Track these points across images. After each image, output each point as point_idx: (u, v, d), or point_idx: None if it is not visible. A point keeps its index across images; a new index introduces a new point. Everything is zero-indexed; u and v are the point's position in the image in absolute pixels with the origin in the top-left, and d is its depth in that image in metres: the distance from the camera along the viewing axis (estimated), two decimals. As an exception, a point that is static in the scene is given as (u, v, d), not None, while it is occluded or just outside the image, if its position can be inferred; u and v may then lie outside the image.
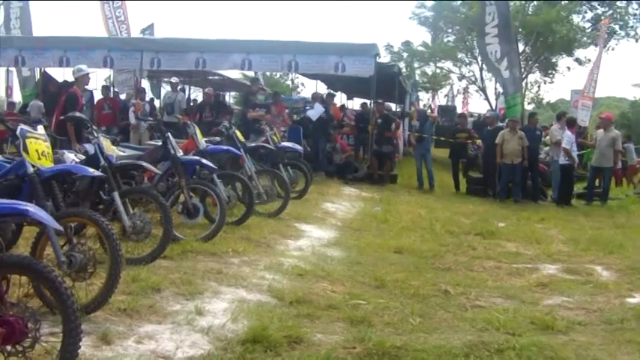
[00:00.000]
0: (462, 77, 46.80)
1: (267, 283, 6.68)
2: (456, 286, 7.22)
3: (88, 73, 11.91)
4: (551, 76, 41.00)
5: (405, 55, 45.90)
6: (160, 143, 8.70)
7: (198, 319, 5.42)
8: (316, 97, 19.94)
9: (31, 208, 4.00)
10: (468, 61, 43.23)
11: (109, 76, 24.76)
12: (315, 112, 17.98)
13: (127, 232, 6.69)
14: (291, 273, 7.21)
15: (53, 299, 3.91)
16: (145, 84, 21.56)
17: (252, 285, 6.59)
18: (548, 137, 18.28)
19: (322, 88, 26.59)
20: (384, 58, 34.33)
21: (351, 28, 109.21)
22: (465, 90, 50.42)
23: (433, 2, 42.06)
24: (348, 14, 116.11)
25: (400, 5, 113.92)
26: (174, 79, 19.80)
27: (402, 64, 37.74)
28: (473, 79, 44.60)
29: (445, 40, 43.19)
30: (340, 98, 27.99)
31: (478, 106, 73.69)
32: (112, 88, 21.47)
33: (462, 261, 8.77)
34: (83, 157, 7.49)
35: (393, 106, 24.60)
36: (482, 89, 41.84)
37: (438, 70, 48.49)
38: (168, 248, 7.16)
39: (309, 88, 47.80)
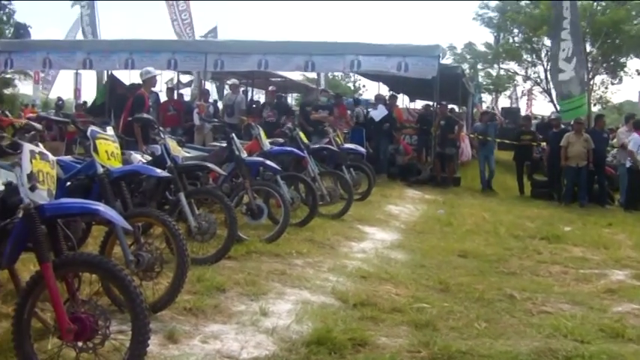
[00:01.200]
0: (526, 78, 45.98)
1: (330, 285, 6.65)
2: (522, 291, 7.06)
3: (155, 76, 12.08)
4: (619, 77, 39.96)
5: (468, 56, 45.45)
6: (225, 144, 8.77)
7: (262, 319, 5.43)
8: (379, 98, 19.86)
9: (102, 207, 4.08)
10: (532, 62, 42.39)
11: (172, 78, 25.12)
12: (379, 113, 17.93)
13: (192, 233, 6.75)
14: (354, 275, 7.17)
15: (122, 298, 3.97)
16: (209, 86, 21.79)
17: (316, 287, 6.57)
18: (615, 140, 17.83)
19: (384, 90, 26.53)
20: (447, 59, 34.02)
21: (413, 29, 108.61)
22: (529, 92, 49.58)
23: (497, 2, 41.45)
24: (410, 15, 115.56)
25: (463, 6, 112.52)
26: (233, 81, 19.95)
27: (465, 66, 37.33)
28: (538, 80, 43.76)
29: (509, 40, 42.50)
30: (402, 100, 27.85)
31: (542, 108, 72.31)
32: (175, 90, 21.75)
33: (527, 265, 8.59)
34: (150, 157, 7.60)
35: (456, 108, 24.35)
36: (547, 91, 40.93)
37: (502, 72, 47.80)
38: (233, 249, 7.21)
39: (370, 90, 47.60)
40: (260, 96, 30.41)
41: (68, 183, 5.97)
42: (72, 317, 3.82)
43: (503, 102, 51.34)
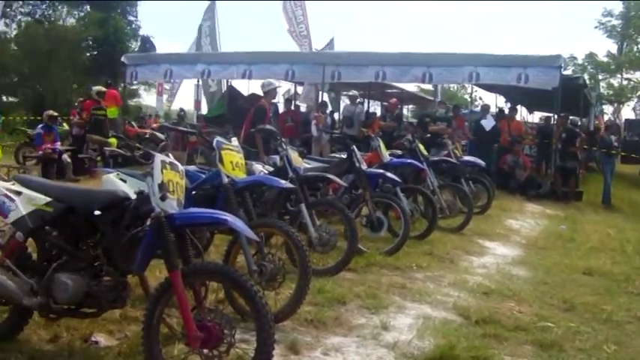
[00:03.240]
0: (651, 89, 44.10)
1: (452, 300, 6.53)
2: (654, 314, 6.72)
3: (276, 87, 12.23)
4: None
5: (589, 66, 44.05)
6: (345, 156, 8.77)
7: (383, 333, 5.38)
8: (485, 109, 19.58)
9: (229, 217, 4.12)
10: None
11: (288, 89, 25.45)
12: (489, 123, 17.63)
13: (313, 244, 6.75)
14: (476, 291, 7.01)
15: (248, 308, 3.99)
16: (325, 97, 21.95)
17: (437, 301, 6.46)
18: None
19: (501, 102, 26.08)
20: (568, 70, 33.07)
21: (532, 40, 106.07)
22: (655, 102, 47.50)
23: (621, 10, 39.95)
24: (529, 26, 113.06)
25: (584, 15, 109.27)
26: (353, 93, 19.98)
27: (585, 76, 36.19)
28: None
29: (634, 49, 40.88)
30: (521, 112, 27.28)
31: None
32: (293, 101, 22.03)
33: (658, 286, 8.17)
34: (271, 168, 7.68)
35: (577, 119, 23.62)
36: (675, 101, 39.18)
37: (625, 82, 46.02)
38: (352, 261, 7.19)
39: (487, 101, 46.83)
40: (376, 107, 30.43)
41: (193, 192, 6.10)
42: (199, 325, 3.88)
43: (627, 113, 49.34)
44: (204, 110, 24.76)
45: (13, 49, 36.42)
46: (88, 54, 37.53)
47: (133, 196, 4.33)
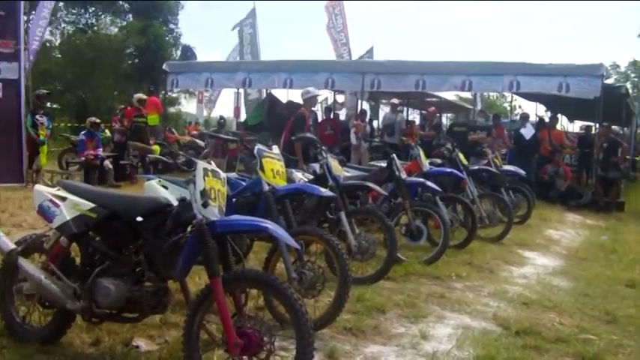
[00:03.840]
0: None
1: (491, 310, 6.48)
2: (701, 328, 6.59)
3: (315, 96, 12.25)
4: None
5: (632, 75, 43.44)
6: (384, 164, 8.76)
7: (422, 343, 5.36)
8: (525, 117, 19.42)
9: (270, 225, 4.14)
10: None
11: (326, 98, 25.50)
12: (529, 132, 17.49)
13: (352, 252, 6.75)
14: (516, 301, 6.95)
15: (288, 315, 3.99)
16: (364, 105, 21.96)
17: (477, 311, 6.42)
18: None
19: (541, 110, 25.84)
20: (610, 78, 32.65)
21: (573, 48, 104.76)
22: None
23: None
24: (569, 34, 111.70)
25: (627, 23, 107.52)
26: (395, 101, 19.96)
27: (628, 85, 35.67)
28: None
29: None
30: (561, 121, 26.98)
31: None
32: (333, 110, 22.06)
33: None
34: (310, 176, 7.69)
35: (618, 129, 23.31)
36: None
37: (671, 91, 45.28)
38: (391, 269, 7.18)
39: (526, 110, 46.40)
40: (415, 116, 30.35)
41: (234, 199, 6.13)
42: (239, 331, 3.90)
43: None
44: (243, 117, 24.92)
45: (57, 57, 37.06)
46: (130, 62, 38.04)
47: (175, 203, 4.37)
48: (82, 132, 16.82)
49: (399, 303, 6.30)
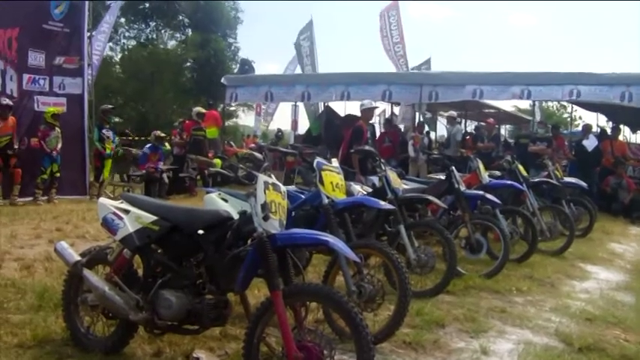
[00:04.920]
0: None
1: (553, 325, 6.34)
2: None
3: (373, 108, 12.25)
4: None
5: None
6: (443, 177, 8.70)
7: (483, 358, 5.29)
8: (587, 128, 19.07)
9: (330, 238, 4.13)
10: None
11: (384, 110, 25.47)
12: (591, 143, 17.18)
13: (411, 265, 6.71)
14: (578, 317, 6.79)
15: (348, 329, 3.98)
16: (421, 117, 21.88)
17: (538, 327, 6.30)
18: None
19: (602, 121, 25.34)
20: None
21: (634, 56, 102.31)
22: None
23: None
24: (631, 42, 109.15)
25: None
26: (453, 114, 19.86)
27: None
28: None
29: None
30: (623, 132, 26.42)
31: None
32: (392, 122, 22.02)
33: None
34: (369, 189, 7.68)
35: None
36: None
37: None
38: (451, 283, 7.11)
39: (587, 121, 45.54)
40: (472, 127, 30.10)
41: (292, 212, 6.15)
42: (299, 345, 3.89)
43: None
44: (300, 130, 25.02)
45: (117, 72, 37.86)
46: (189, 76, 38.62)
47: (236, 216, 4.41)
48: (147, 145, 17.18)
49: (458, 317, 6.23)
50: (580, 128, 22.10)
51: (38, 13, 15.28)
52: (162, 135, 17.67)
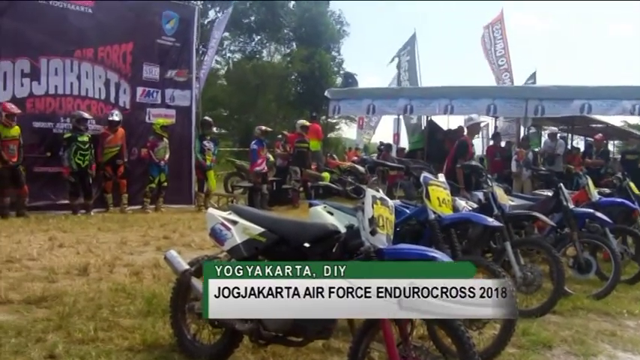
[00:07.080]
0: None
1: (668, 352, 6.08)
2: None
3: (479, 123, 12.09)
4: None
5: None
6: (551, 194, 8.50)
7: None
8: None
9: (438, 254, 4.11)
10: None
11: (487, 124, 25.09)
12: None
13: (517, 284, 6.56)
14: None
15: (454, 346, 3.93)
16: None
17: (651, 352, 6.05)
18: None
19: None
20: None
21: None
22: None
23: None
24: None
25: None
26: (554, 129, 19.43)
27: None
28: None
29: None
30: None
31: None
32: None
33: None
34: (474, 204, 7.57)
35: None
36: None
37: None
38: (558, 303, 6.90)
39: None
40: (579, 142, 29.29)
41: (397, 228, 6.13)
42: (404, 361, 3.86)
43: None
44: (402, 144, 24.93)
45: (222, 84, 38.73)
46: (293, 88, 39.13)
47: (342, 230, 4.42)
48: (253, 141, 17.27)
49: (566, 339, 6.03)
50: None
51: (151, 28, 15.89)
52: (268, 129, 17.95)
